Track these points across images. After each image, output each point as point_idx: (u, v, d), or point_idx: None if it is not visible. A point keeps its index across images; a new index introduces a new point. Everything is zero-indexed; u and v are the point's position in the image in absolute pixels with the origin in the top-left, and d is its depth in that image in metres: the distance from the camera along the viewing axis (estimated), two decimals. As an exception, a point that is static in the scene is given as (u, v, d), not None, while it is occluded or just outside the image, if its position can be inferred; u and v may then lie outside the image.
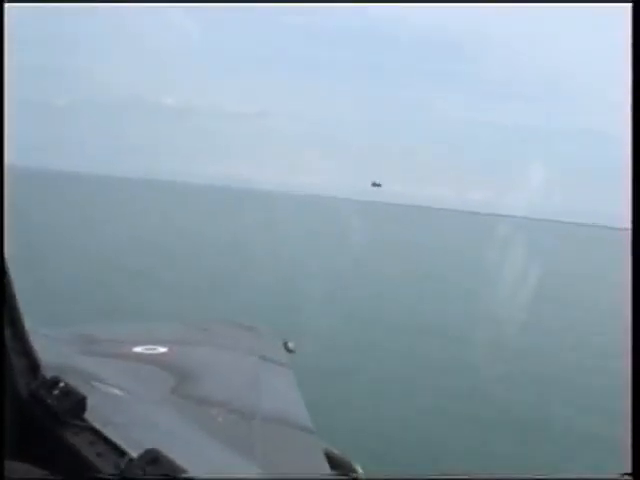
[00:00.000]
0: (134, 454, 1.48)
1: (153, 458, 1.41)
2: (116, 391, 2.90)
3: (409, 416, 11.98)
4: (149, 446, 1.47)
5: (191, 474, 1.40)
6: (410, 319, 21.52)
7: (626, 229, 1.59)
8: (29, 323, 1.74)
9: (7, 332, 1.64)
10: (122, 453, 1.51)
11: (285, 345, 4.40)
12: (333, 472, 2.93)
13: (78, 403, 1.65)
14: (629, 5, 1.56)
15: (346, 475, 3.12)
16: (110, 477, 1.41)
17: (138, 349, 3.90)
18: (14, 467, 1.19)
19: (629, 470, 1.34)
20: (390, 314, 22.19)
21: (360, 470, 3.17)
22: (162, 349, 3.94)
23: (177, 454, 1.46)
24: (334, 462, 3.04)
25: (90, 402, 1.70)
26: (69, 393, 1.65)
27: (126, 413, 2.71)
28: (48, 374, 1.74)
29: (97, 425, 1.64)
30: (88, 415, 1.67)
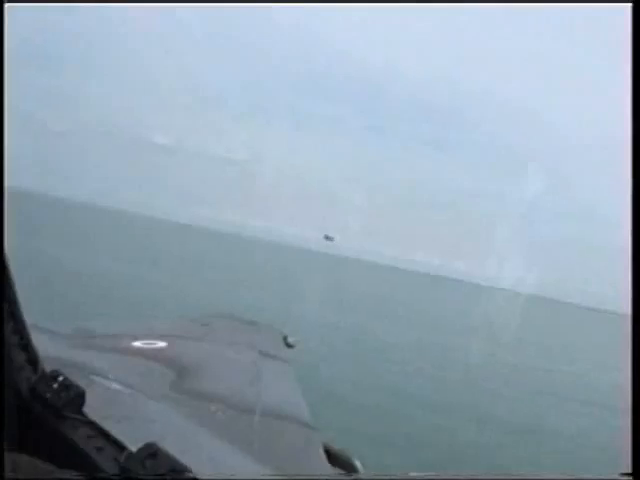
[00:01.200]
0: (133, 448, 1.48)
1: (152, 452, 1.41)
2: (116, 385, 2.91)
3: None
4: (148, 440, 1.47)
5: (190, 469, 1.41)
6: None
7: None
8: (28, 317, 1.74)
9: (6, 326, 1.63)
10: (121, 447, 1.51)
11: (285, 340, 4.41)
12: (331, 467, 2.94)
13: (77, 397, 1.65)
14: (629, 5, 1.56)
15: (345, 470, 3.13)
16: (109, 471, 1.41)
17: (138, 344, 3.91)
18: (14, 459, 1.19)
19: (629, 470, 1.34)
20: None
21: (359, 465, 3.18)
22: (162, 344, 3.95)
23: (176, 448, 1.46)
24: (333, 457, 3.05)
25: (90, 396, 1.70)
26: (69, 387, 1.65)
27: (126, 407, 2.71)
28: (48, 368, 1.74)
29: (96, 419, 1.64)
30: (87, 409, 1.67)
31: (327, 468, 2.83)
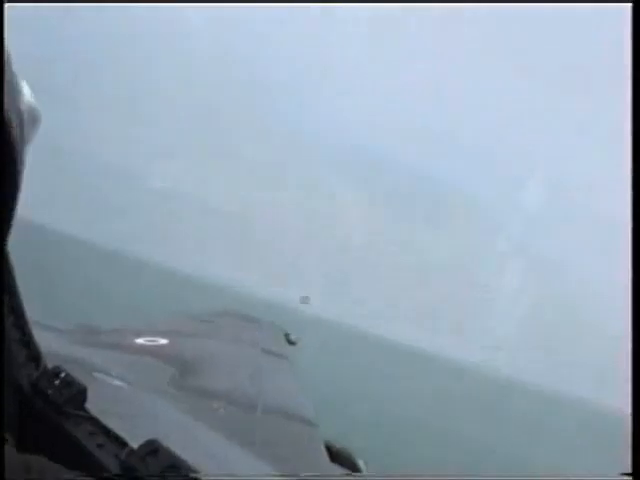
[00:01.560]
0: (134, 445, 1.48)
1: (153, 449, 1.41)
2: (117, 382, 2.91)
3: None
4: (149, 437, 1.46)
5: (191, 465, 1.40)
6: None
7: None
8: (30, 313, 1.73)
9: (8, 322, 1.63)
10: (122, 444, 1.51)
11: (287, 337, 4.41)
12: (333, 464, 2.94)
13: (79, 393, 1.65)
14: (629, 5, 1.56)
15: (346, 467, 3.14)
16: (110, 467, 1.41)
17: (140, 340, 3.92)
18: (15, 457, 1.19)
19: (629, 470, 1.34)
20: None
21: (361, 463, 3.18)
22: (164, 341, 3.95)
23: (177, 445, 1.46)
24: (334, 454, 3.05)
25: (91, 393, 1.69)
26: (70, 383, 1.65)
27: (127, 404, 2.72)
28: (49, 364, 1.74)
29: (98, 416, 1.64)
30: (89, 406, 1.67)
31: (328, 465, 2.83)
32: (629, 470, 1.35)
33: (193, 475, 1.37)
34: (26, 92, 1.11)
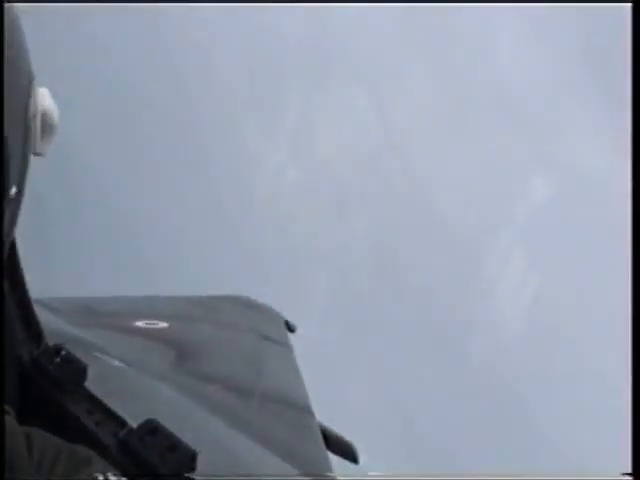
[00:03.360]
0: (133, 424, 1.49)
1: (152, 428, 1.42)
2: (117, 363, 2.92)
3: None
4: (148, 417, 1.47)
5: (189, 446, 1.41)
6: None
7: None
8: (32, 291, 1.74)
9: (10, 299, 1.64)
10: (121, 423, 1.52)
11: (287, 324, 4.40)
12: (329, 451, 2.96)
13: (79, 372, 1.66)
14: (629, 5, 1.56)
15: (342, 455, 3.16)
16: (109, 445, 1.42)
17: (139, 323, 3.92)
18: (16, 427, 1.20)
19: (629, 470, 1.35)
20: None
21: (356, 450, 3.20)
22: (163, 324, 3.95)
23: (175, 426, 1.47)
24: (331, 441, 3.07)
25: (91, 372, 1.70)
26: (71, 361, 1.66)
27: (126, 385, 2.72)
28: (50, 342, 1.75)
29: (97, 394, 1.65)
30: (88, 384, 1.68)
31: (325, 452, 2.85)
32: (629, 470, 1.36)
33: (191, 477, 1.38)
34: (41, 96, 1.06)
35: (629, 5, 1.60)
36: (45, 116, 1.05)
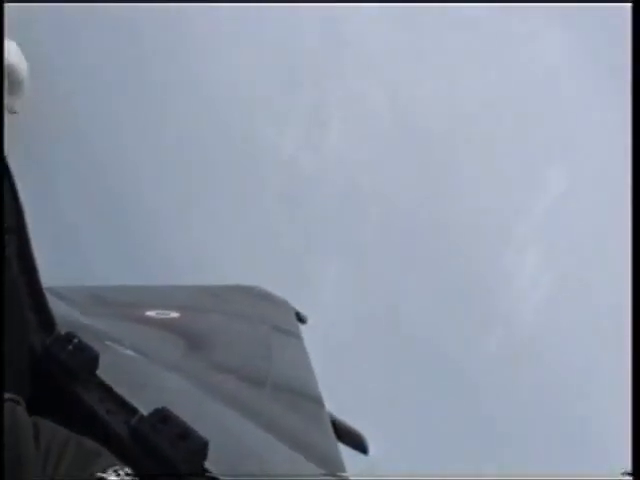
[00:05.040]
0: (145, 413, 1.49)
1: (163, 416, 1.42)
2: (129, 352, 2.93)
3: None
4: (160, 406, 1.48)
5: (200, 434, 1.41)
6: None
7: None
8: (45, 280, 1.75)
9: (23, 288, 1.65)
10: (132, 411, 1.52)
11: (297, 315, 4.41)
12: (339, 441, 2.96)
13: (91, 360, 1.66)
14: (629, 5, 1.54)
15: (352, 445, 3.16)
16: (120, 433, 1.43)
17: (151, 313, 3.93)
18: (25, 416, 1.20)
19: (629, 470, 1.34)
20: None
21: (366, 440, 3.20)
22: (174, 314, 3.96)
23: (186, 415, 1.47)
24: (341, 432, 3.07)
25: (103, 360, 1.71)
26: (83, 349, 1.66)
27: (138, 374, 2.73)
28: (62, 330, 1.75)
29: (109, 383, 1.65)
30: (100, 372, 1.68)
31: (335, 443, 2.85)
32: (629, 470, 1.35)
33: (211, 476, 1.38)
34: (8, 50, 1.02)
35: (629, 5, 1.58)
36: (12, 71, 1.02)
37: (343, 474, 2.55)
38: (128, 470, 1.24)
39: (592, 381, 12.38)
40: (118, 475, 1.20)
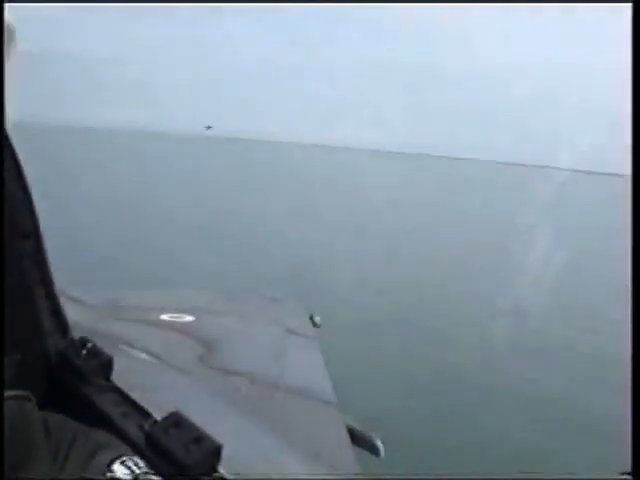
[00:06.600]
0: (158, 417, 1.49)
1: (177, 421, 1.42)
2: (143, 356, 2.94)
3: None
4: (173, 410, 1.47)
5: (214, 439, 1.41)
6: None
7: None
8: (59, 284, 1.75)
9: (37, 291, 1.65)
10: (146, 415, 1.52)
11: (311, 319, 4.40)
12: (354, 446, 2.95)
13: (105, 364, 1.66)
14: (629, 5, 1.53)
15: (367, 450, 3.14)
16: (134, 437, 1.42)
17: (165, 317, 3.95)
18: (35, 413, 1.21)
19: (629, 470, 1.32)
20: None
21: (380, 445, 3.18)
22: (189, 318, 3.98)
23: (200, 421, 1.47)
24: (356, 437, 3.06)
25: (117, 364, 1.71)
26: (97, 354, 1.67)
27: (152, 378, 2.75)
28: (76, 335, 1.76)
29: (122, 387, 1.65)
30: (114, 377, 1.69)
31: (349, 447, 2.83)
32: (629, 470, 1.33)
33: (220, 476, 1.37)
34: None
35: (629, 5, 1.56)
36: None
37: (352, 475, 2.54)
38: (137, 460, 1.24)
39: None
40: (127, 466, 1.21)
